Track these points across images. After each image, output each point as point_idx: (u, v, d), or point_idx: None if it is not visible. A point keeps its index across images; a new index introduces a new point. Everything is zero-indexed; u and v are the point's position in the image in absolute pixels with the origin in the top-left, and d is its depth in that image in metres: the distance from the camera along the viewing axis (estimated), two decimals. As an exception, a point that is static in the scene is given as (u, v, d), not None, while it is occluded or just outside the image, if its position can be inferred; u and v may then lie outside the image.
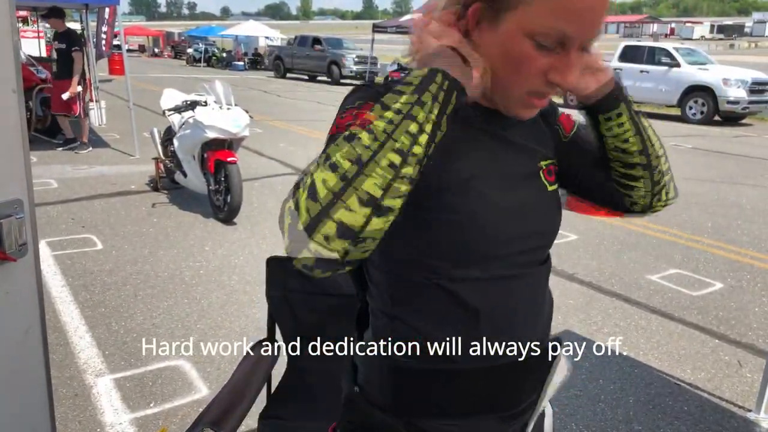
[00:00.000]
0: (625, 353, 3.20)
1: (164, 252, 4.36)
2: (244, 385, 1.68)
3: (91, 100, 9.66)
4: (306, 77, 23.37)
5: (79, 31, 8.34)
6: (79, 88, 7.36)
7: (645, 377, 2.97)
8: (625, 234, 5.24)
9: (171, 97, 5.72)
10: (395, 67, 18.50)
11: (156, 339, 3.11)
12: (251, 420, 2.43)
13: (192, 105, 5.11)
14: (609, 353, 3.19)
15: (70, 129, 7.75)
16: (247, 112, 5.18)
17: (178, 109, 5.23)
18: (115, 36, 10.40)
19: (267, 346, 1.73)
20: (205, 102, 5.14)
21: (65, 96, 7.21)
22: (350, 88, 0.90)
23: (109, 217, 5.11)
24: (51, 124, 8.12)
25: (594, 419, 2.61)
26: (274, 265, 1.71)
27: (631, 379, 2.95)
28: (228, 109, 5.05)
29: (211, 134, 4.86)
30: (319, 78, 22.74)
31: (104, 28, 9.96)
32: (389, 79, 1.08)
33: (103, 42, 9.81)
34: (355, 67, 20.92)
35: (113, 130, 9.26)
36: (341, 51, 21.87)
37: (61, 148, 7.68)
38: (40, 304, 1.10)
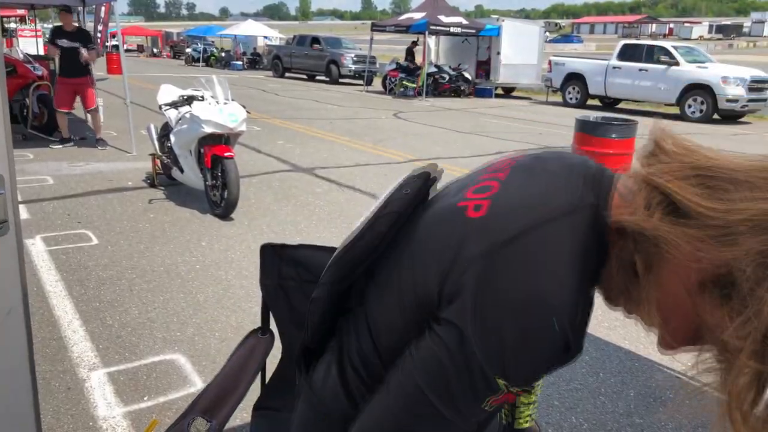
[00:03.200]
0: (626, 347, 3.16)
1: (160, 247, 4.32)
2: (237, 374, 1.64)
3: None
4: (305, 76, 23.32)
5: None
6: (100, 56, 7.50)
7: (646, 370, 2.94)
8: (625, 229, 5.20)
9: (168, 92, 5.68)
10: (394, 66, 18.47)
11: (151, 333, 3.07)
12: (246, 413, 2.40)
13: (189, 100, 5.07)
14: (609, 347, 3.16)
15: (67, 128, 7.71)
16: (244, 107, 5.14)
17: (174, 104, 5.19)
18: (113, 36, 10.42)
19: (261, 334, 1.69)
20: (202, 97, 5.10)
21: (84, 54, 7.26)
22: (349, 86, 0.82)
23: (105, 213, 5.07)
24: (47, 121, 8.07)
25: (594, 412, 2.57)
26: (269, 252, 1.66)
27: (632, 372, 2.91)
28: (225, 103, 5.01)
29: (208, 129, 4.82)
30: (318, 77, 22.70)
31: (100, 27, 9.94)
32: (387, 77, 1.03)
33: (98, 40, 9.78)
34: (353, 67, 20.86)
35: (110, 127, 9.20)
36: (340, 50, 21.82)
37: (58, 146, 7.63)
38: (23, 284, 1.06)
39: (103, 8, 9.73)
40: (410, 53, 18.55)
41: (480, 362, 0.68)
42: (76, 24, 8.03)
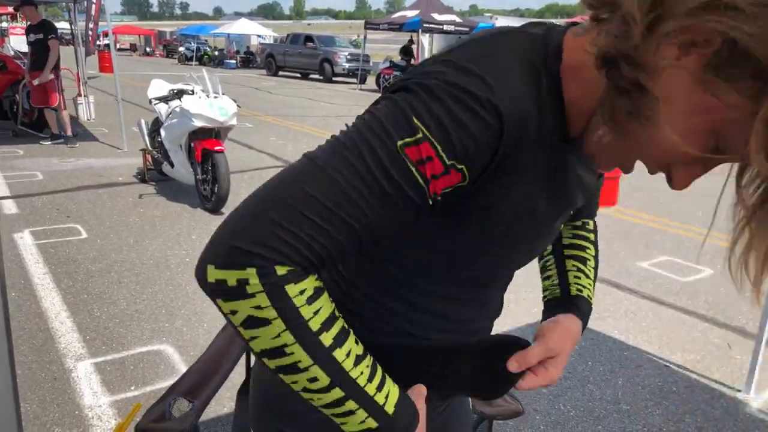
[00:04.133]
0: (615, 336, 3.17)
1: (150, 241, 4.30)
2: (219, 357, 1.64)
3: (80, 95, 9.59)
4: (298, 75, 23.28)
5: (66, 29, 8.25)
6: (51, 76, 7.25)
7: (634, 359, 2.94)
8: (617, 223, 5.22)
9: (158, 87, 5.65)
10: (387, 64, 18.46)
11: (139, 324, 3.06)
12: (231, 401, 2.39)
13: (179, 94, 5.05)
14: (599, 336, 3.17)
15: (56, 124, 7.65)
16: (234, 101, 5.12)
17: (164, 99, 5.17)
18: (106, 35, 10.39)
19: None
20: (192, 91, 5.08)
21: (35, 82, 7.10)
22: (343, 85, 0.82)
23: (95, 207, 5.04)
24: (38, 117, 8.02)
25: (582, 399, 2.57)
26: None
27: (620, 361, 2.92)
28: (215, 97, 4.99)
29: (198, 123, 4.80)
30: (312, 76, 22.66)
31: (91, 25, 9.89)
32: (381, 76, 1.02)
33: (89, 39, 9.72)
34: (347, 65, 20.83)
35: (102, 124, 9.17)
36: (333, 48, 21.77)
37: (48, 142, 7.59)
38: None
39: (93, 6, 9.68)
40: (407, 51, 18.52)
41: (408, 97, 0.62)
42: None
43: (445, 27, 17.35)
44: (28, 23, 7.25)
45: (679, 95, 0.57)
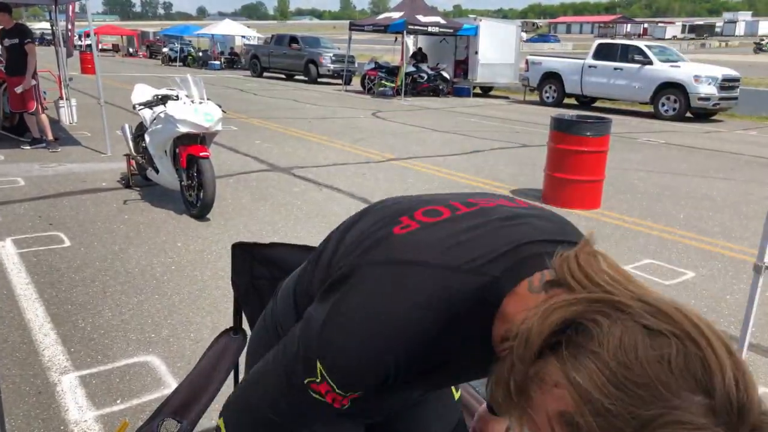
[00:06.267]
0: (599, 341, 3.21)
1: (135, 248, 4.26)
2: (208, 375, 1.63)
3: (62, 98, 9.47)
4: (283, 76, 23.19)
5: (48, 30, 8.15)
6: (34, 82, 7.17)
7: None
8: (600, 226, 5.27)
9: (142, 92, 5.61)
10: (372, 65, 18.46)
11: (125, 335, 3.03)
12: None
13: (163, 99, 5.01)
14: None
15: (36, 128, 7.55)
16: (219, 106, 5.09)
17: (149, 104, 5.13)
18: (87, 35, 10.29)
19: (234, 334, 1.68)
20: (177, 96, 5.05)
21: (18, 90, 7.05)
22: (328, 86, 0.83)
23: (78, 214, 4.98)
24: (19, 122, 7.91)
25: (568, 406, 2.60)
26: (240, 251, 1.65)
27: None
28: (200, 103, 4.96)
29: (183, 128, 4.77)
30: (297, 77, 22.59)
31: (70, 26, 9.79)
32: (366, 77, 1.08)
33: (69, 40, 9.62)
34: (332, 66, 20.81)
35: (84, 128, 9.07)
36: (318, 50, 21.73)
37: (29, 147, 7.49)
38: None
39: (71, 7, 9.58)
40: (415, 56, 18.62)
41: (310, 339, 0.76)
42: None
43: (430, 29, 17.40)
44: (2, 28, 7.13)
45: (537, 416, 0.62)
